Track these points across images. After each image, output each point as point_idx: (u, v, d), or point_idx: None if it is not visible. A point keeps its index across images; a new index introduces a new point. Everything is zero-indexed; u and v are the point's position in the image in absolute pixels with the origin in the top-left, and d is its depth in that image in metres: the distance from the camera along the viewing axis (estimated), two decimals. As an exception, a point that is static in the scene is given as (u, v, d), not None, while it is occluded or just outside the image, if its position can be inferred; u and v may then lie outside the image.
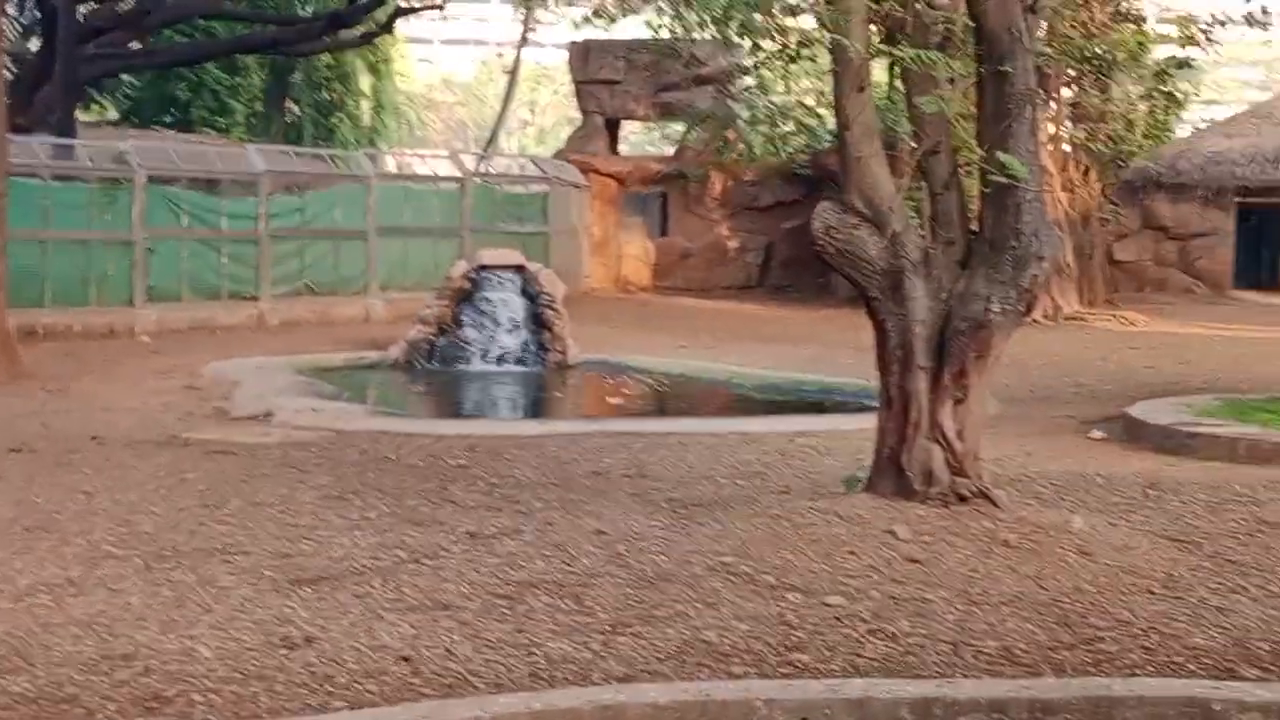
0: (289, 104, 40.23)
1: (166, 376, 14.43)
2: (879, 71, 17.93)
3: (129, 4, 28.80)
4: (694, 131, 28.35)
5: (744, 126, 22.36)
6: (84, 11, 27.13)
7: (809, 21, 7.48)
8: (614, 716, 4.45)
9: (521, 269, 17.30)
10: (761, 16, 7.34)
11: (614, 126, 31.01)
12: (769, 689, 4.67)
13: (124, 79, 35.30)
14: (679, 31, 12.30)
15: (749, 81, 21.27)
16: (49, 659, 5.13)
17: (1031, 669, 5.05)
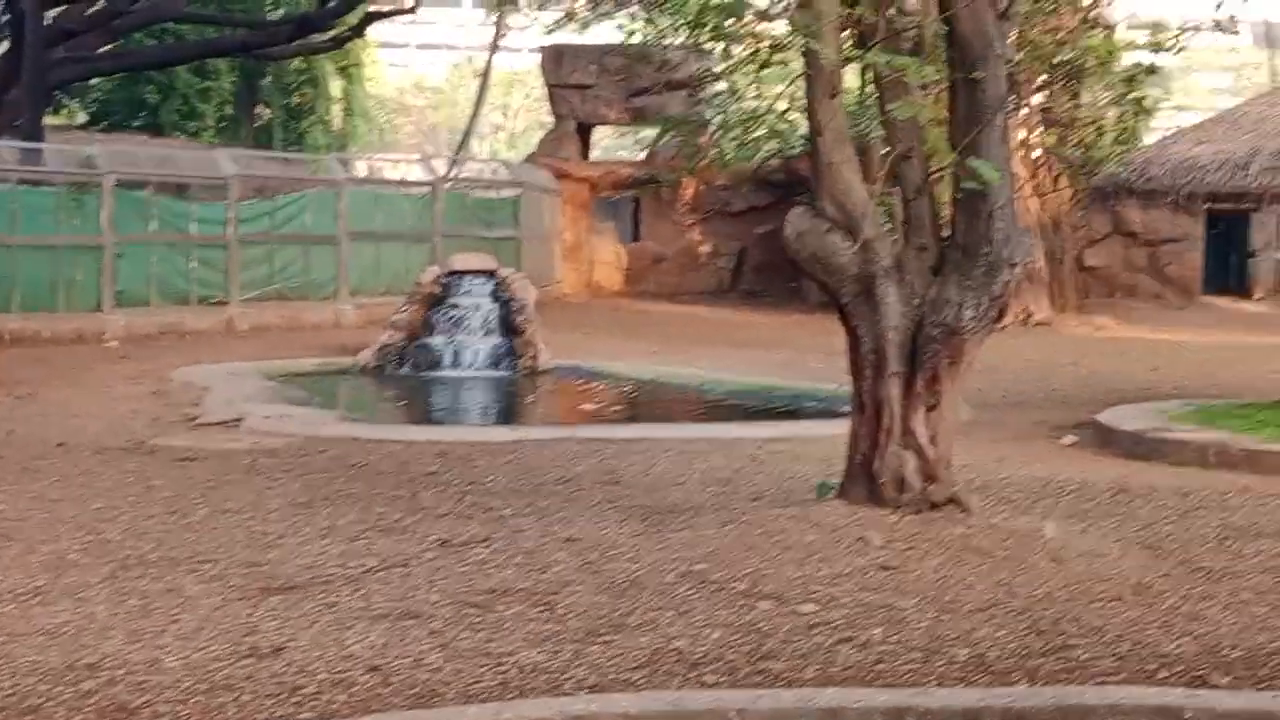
0: (259, 108, 40.10)
1: (135, 382, 14.32)
2: (851, 77, 17.96)
3: (98, 7, 28.60)
4: (666, 137, 28.33)
5: (716, 132, 22.32)
6: (53, 15, 26.93)
7: (781, 27, 7.48)
8: (585, 727, 4.42)
9: (493, 274, 17.26)
10: (733, 22, 7.33)
11: (586, 131, 30.99)
12: (741, 698, 4.64)
13: (93, 82, 35.11)
14: (651, 36, 12.31)
15: (721, 87, 21.27)
16: (13, 669, 5.07)
17: (1004, 677, 5.04)
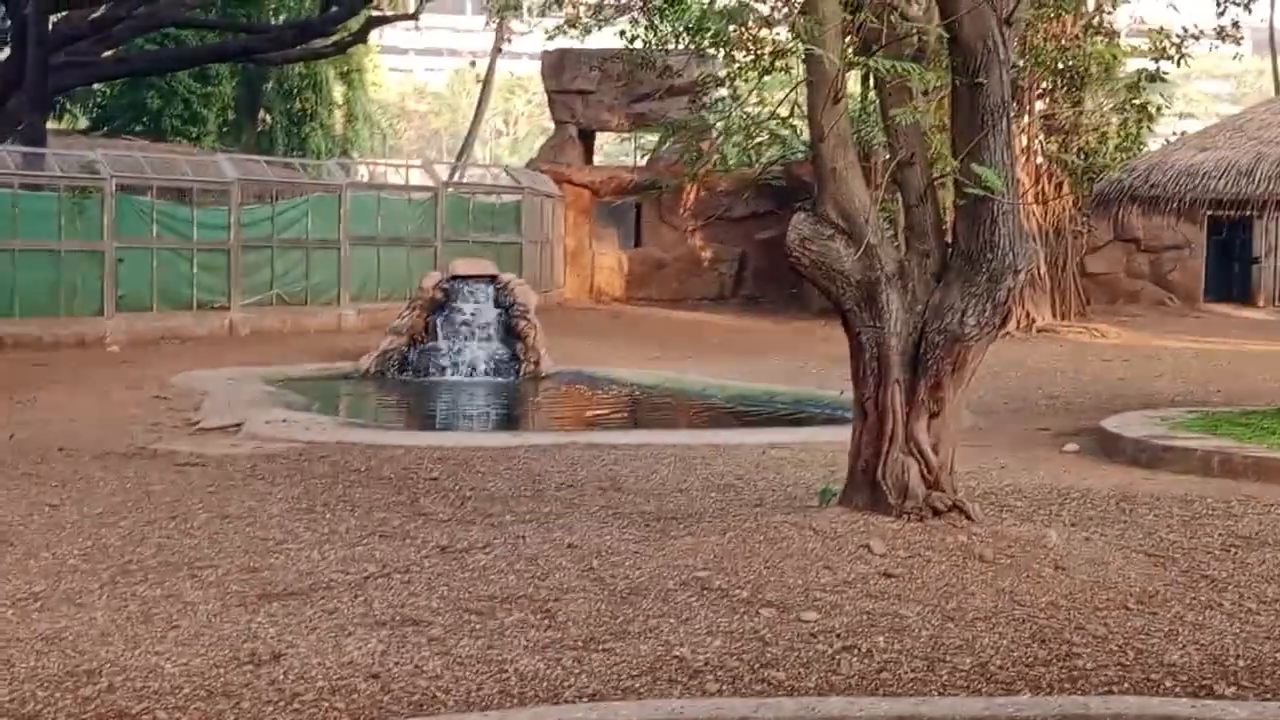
0: (261, 113, 40.09)
1: (136, 387, 14.31)
2: (854, 83, 17.96)
3: (100, 12, 28.59)
4: (668, 142, 28.33)
5: (718, 137, 22.34)
6: (55, 19, 26.91)
7: (783, 33, 7.47)
8: (586, 735, 4.40)
9: (494, 279, 17.25)
10: (735, 27, 7.32)
11: (588, 137, 30.97)
12: (743, 707, 4.61)
13: (95, 87, 35.11)
14: (653, 42, 12.29)
15: (723, 92, 21.26)
16: (12, 675, 5.05)
17: (1007, 686, 5.01)
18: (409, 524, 7.62)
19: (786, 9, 8.50)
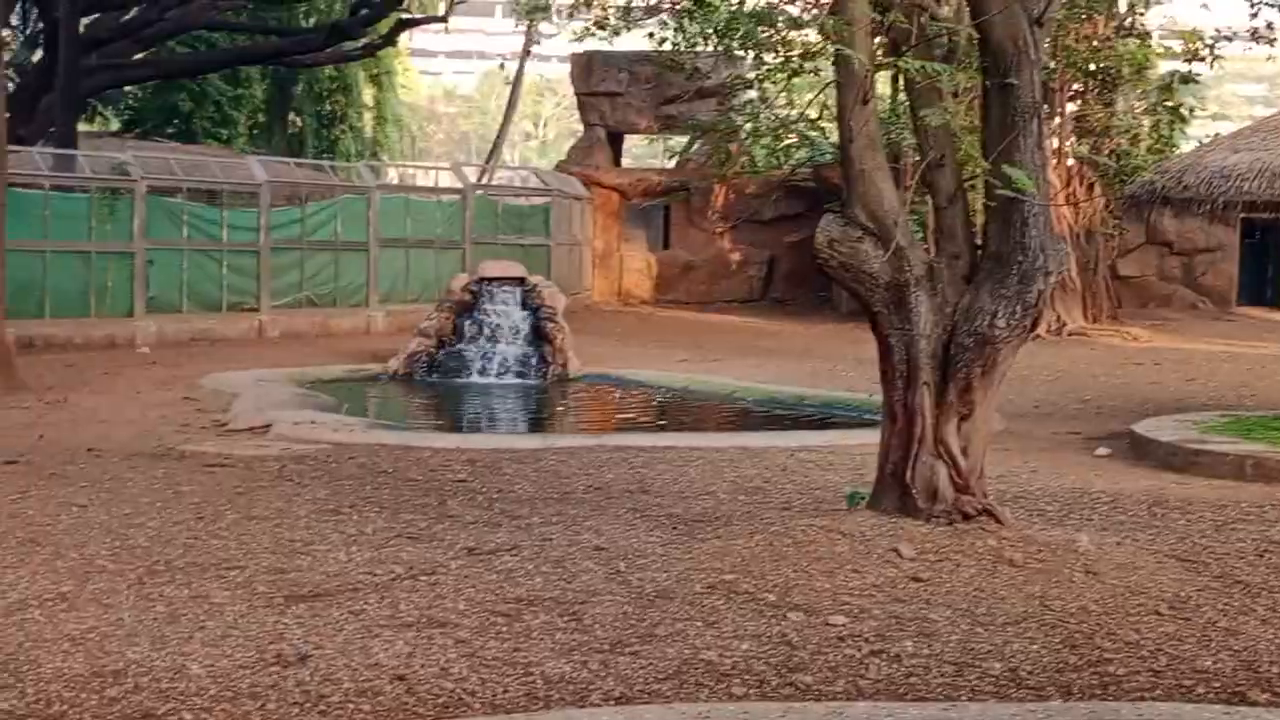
0: (291, 115, 40.24)
1: (165, 388, 14.36)
2: (883, 84, 17.89)
3: (132, 15, 28.76)
4: (696, 144, 28.32)
5: (746, 139, 22.31)
6: (86, 22, 27.07)
7: (813, 35, 7.42)
8: (612, 739, 4.37)
9: (522, 281, 17.25)
10: (765, 29, 7.28)
11: (617, 139, 30.99)
12: (770, 711, 4.58)
13: (127, 90, 35.30)
14: (682, 44, 12.27)
15: (752, 94, 21.22)
16: (38, 675, 5.04)
17: (1038, 692, 4.96)
18: (436, 526, 7.61)
19: (816, 11, 8.46)
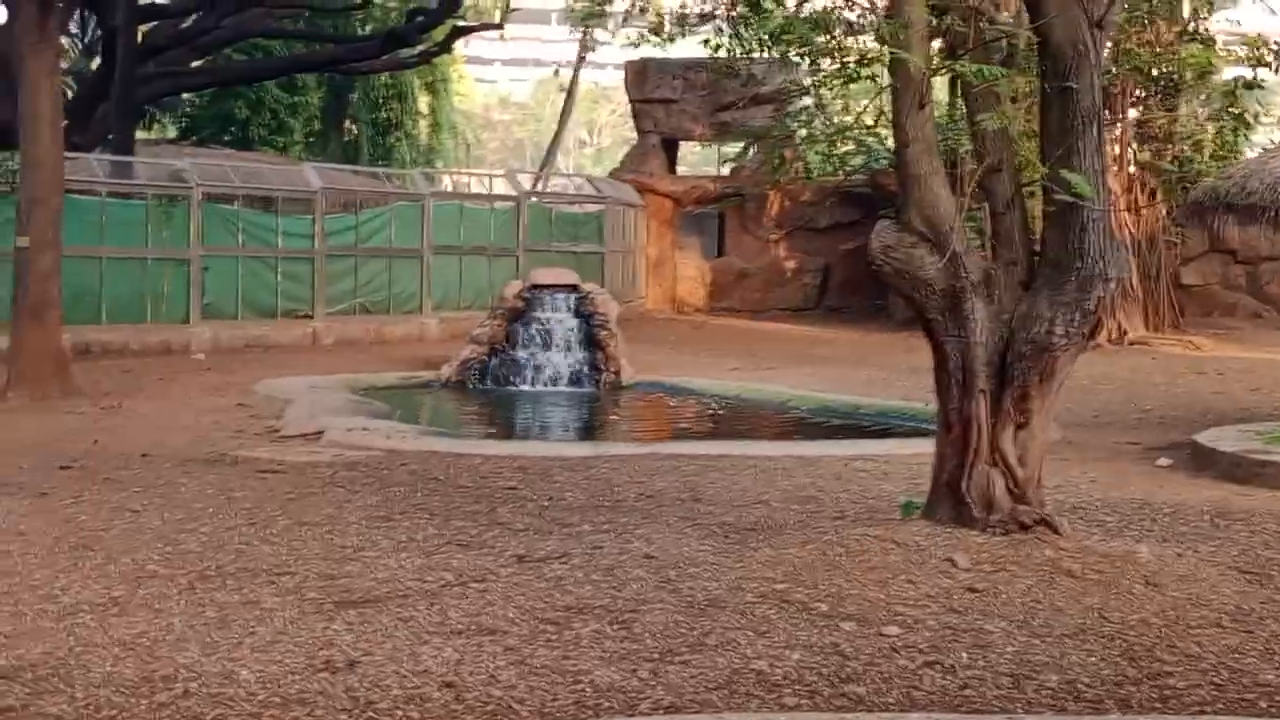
0: (347, 123, 40.49)
1: (219, 394, 14.44)
2: (941, 90, 17.76)
3: (189, 23, 29.02)
4: (751, 151, 28.24)
5: (801, 145, 22.25)
6: (144, 30, 27.33)
7: (869, 40, 7.35)
8: (661, 750, 4.31)
9: (575, 289, 17.24)
10: (820, 34, 7.21)
11: (671, 146, 30.96)
12: (822, 723, 4.51)
13: (184, 97, 35.62)
14: (737, 50, 12.20)
15: (807, 101, 21.15)
16: (88, 680, 5.04)
17: (1096, 705, 4.87)
18: (486, 533, 7.58)
19: (873, 16, 8.38)
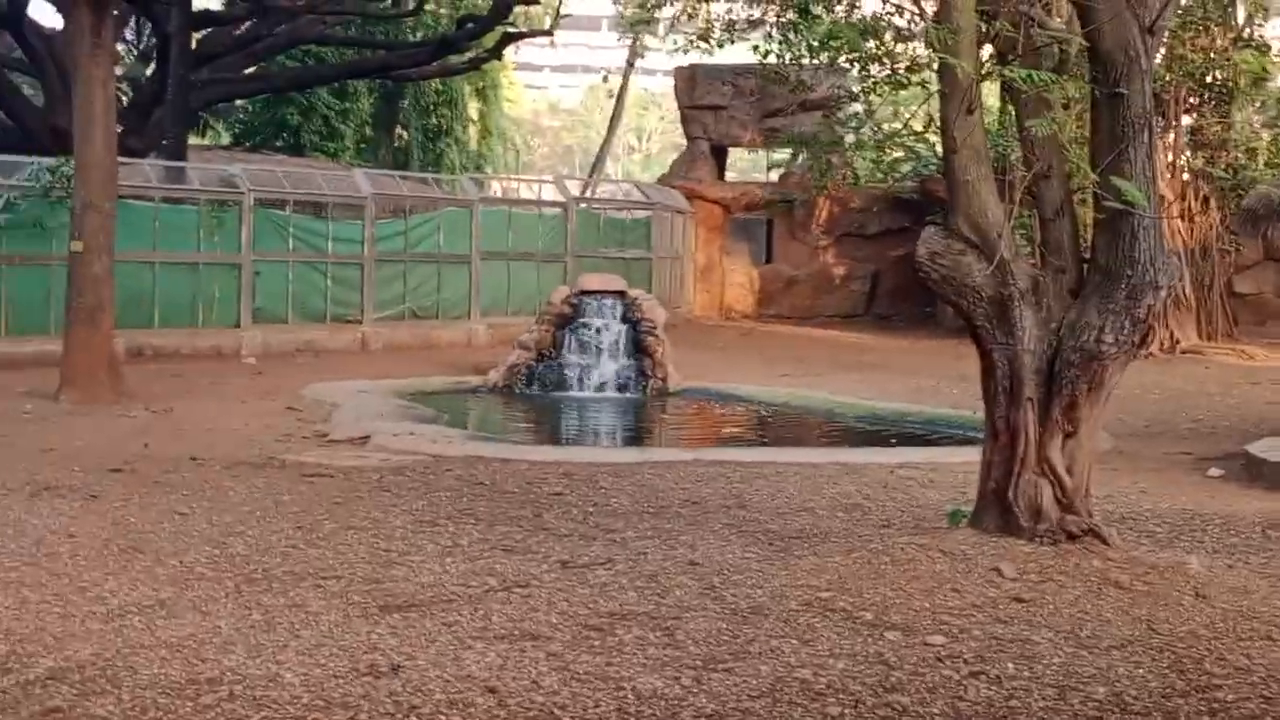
0: (398, 129, 40.67)
1: (268, 398, 14.52)
2: (992, 97, 17.65)
3: (242, 30, 29.25)
4: (800, 157, 28.17)
5: (849, 151, 22.21)
6: (198, 37, 27.57)
7: (919, 47, 7.31)
8: (703, 758, 4.29)
9: (623, 294, 17.24)
10: (869, 40, 7.18)
11: (720, 152, 30.92)
12: (865, 733, 4.48)
13: (237, 104, 35.89)
14: (786, 56, 12.17)
15: (856, 107, 21.10)
16: (135, 681, 5.08)
17: (1143, 717, 4.82)
18: (531, 538, 7.59)
19: (921, 22, 8.33)
